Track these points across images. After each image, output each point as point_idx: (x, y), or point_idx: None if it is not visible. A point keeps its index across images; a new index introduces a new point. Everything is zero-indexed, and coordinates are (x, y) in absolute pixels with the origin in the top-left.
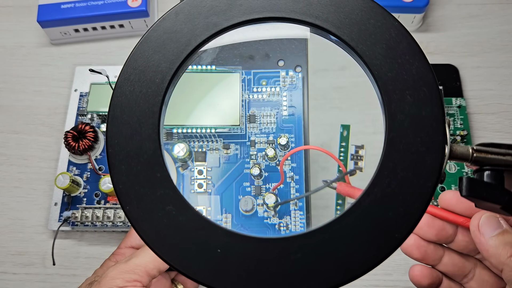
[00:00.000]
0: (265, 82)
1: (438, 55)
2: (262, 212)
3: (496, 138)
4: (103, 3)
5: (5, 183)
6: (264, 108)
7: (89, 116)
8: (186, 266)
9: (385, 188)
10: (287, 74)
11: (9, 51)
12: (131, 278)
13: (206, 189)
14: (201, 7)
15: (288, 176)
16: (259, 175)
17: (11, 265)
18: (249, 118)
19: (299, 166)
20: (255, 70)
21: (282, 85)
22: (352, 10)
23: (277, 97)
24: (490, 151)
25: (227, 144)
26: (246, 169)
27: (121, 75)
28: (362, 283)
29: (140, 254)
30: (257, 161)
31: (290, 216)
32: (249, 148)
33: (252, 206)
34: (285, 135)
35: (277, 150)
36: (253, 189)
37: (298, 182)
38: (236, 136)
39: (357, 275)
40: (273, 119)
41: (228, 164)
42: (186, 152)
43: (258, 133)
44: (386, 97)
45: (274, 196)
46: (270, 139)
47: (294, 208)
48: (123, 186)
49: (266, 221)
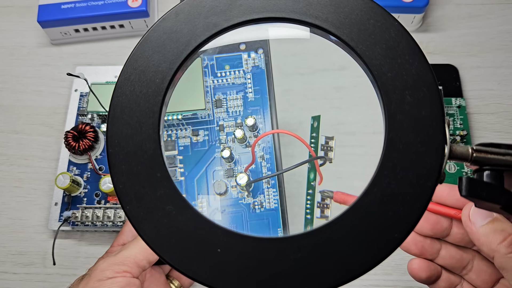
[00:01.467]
0: (228, 66)
1: (438, 55)
2: (236, 194)
3: (496, 138)
4: (103, 3)
5: (5, 183)
6: (230, 91)
7: (89, 116)
8: (186, 266)
9: (384, 188)
10: (249, 57)
11: (10, 51)
12: (121, 269)
13: (178, 177)
14: (201, 7)
15: (259, 156)
16: (230, 157)
17: (12, 264)
18: (215, 103)
19: (269, 145)
20: (217, 55)
21: (245, 68)
22: (352, 10)
23: (242, 80)
24: (490, 151)
25: (196, 131)
26: (217, 153)
27: (121, 75)
28: (362, 282)
29: (130, 246)
30: (228, 144)
31: (264, 194)
32: (219, 133)
33: (226, 189)
34: (252, 116)
35: (245, 131)
36: (225, 172)
37: (268, 161)
38: (205, 122)
39: (357, 275)
40: (239, 102)
41: (199, 150)
42: None
43: (226, 117)
44: (386, 97)
45: (246, 176)
46: (238, 122)
47: (267, 186)
48: (123, 186)
49: (240, 202)
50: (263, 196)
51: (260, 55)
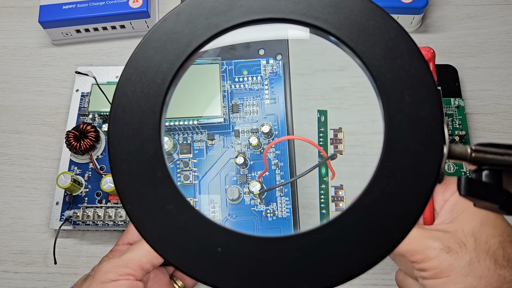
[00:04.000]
0: (246, 71)
1: (437, 55)
2: (249, 200)
3: (495, 138)
4: (104, 4)
5: (7, 183)
6: (247, 97)
7: (91, 116)
8: (187, 265)
9: (384, 187)
10: (268, 63)
11: (11, 51)
12: (124, 272)
13: (192, 180)
14: (202, 8)
15: (273, 163)
16: (244, 164)
17: (13, 264)
18: (232, 108)
19: (283, 153)
20: (236, 60)
21: (263, 74)
22: (352, 11)
23: (259, 86)
24: (489, 151)
25: (212, 135)
26: (231, 158)
27: (122, 76)
28: (361, 282)
29: (134, 249)
30: (242, 150)
31: (276, 202)
32: (234, 138)
33: (239, 195)
34: (267, 123)
35: (261, 138)
36: (239, 178)
37: (283, 169)
38: (220, 127)
39: (356, 274)
40: (256, 108)
41: (214, 154)
42: (170, 145)
43: (241, 123)
44: (385, 98)
45: (259, 184)
46: (253, 128)
47: (280, 195)
48: (124, 186)
49: (253, 209)
50: (275, 205)
51: (279, 62)
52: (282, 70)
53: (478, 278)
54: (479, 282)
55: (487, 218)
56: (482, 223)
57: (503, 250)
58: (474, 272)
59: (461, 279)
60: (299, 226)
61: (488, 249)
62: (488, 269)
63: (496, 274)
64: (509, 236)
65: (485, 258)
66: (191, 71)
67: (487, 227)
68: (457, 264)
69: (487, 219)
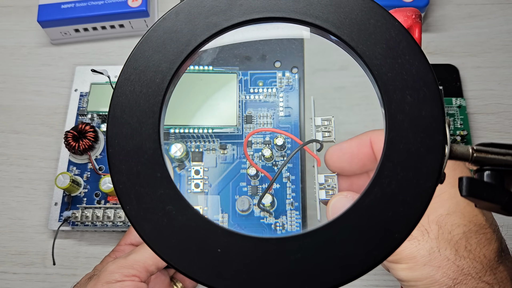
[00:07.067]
0: (262, 83)
1: (438, 55)
2: (259, 212)
3: (496, 138)
4: (103, 3)
5: (5, 183)
6: (261, 108)
7: (89, 116)
8: (186, 266)
9: (385, 188)
10: (284, 75)
11: (10, 51)
12: (130, 273)
13: (203, 189)
14: (202, 7)
15: (284, 176)
16: (256, 175)
17: (11, 264)
18: (245, 119)
19: (295, 166)
20: (251, 71)
21: (278, 86)
22: (352, 10)
23: (274, 98)
24: (490, 151)
25: (224, 144)
26: (242, 169)
27: (121, 75)
28: (362, 283)
29: (140, 251)
30: (254, 161)
31: (286, 216)
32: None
33: (249, 206)
34: (281, 135)
35: (274, 150)
36: (249, 189)
37: (294, 183)
38: (233, 137)
39: (357, 275)
40: (269, 120)
41: (225, 164)
42: (183, 152)
43: (254, 134)
44: (386, 97)
45: (270, 196)
46: (266, 140)
47: (290, 208)
48: (123, 186)
49: (262, 221)
50: (285, 218)
51: (295, 75)
52: (298, 83)
53: (436, 268)
54: (436, 272)
55: (455, 206)
56: (450, 211)
57: (466, 241)
58: (433, 261)
59: (419, 268)
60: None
61: (451, 239)
62: (448, 259)
63: (454, 265)
64: (476, 226)
65: (446, 248)
66: (208, 80)
67: (453, 216)
68: (417, 252)
69: (455, 207)
